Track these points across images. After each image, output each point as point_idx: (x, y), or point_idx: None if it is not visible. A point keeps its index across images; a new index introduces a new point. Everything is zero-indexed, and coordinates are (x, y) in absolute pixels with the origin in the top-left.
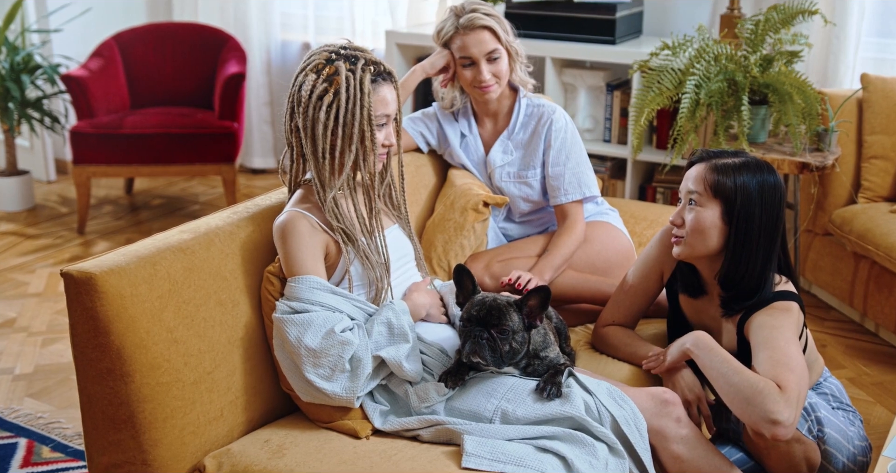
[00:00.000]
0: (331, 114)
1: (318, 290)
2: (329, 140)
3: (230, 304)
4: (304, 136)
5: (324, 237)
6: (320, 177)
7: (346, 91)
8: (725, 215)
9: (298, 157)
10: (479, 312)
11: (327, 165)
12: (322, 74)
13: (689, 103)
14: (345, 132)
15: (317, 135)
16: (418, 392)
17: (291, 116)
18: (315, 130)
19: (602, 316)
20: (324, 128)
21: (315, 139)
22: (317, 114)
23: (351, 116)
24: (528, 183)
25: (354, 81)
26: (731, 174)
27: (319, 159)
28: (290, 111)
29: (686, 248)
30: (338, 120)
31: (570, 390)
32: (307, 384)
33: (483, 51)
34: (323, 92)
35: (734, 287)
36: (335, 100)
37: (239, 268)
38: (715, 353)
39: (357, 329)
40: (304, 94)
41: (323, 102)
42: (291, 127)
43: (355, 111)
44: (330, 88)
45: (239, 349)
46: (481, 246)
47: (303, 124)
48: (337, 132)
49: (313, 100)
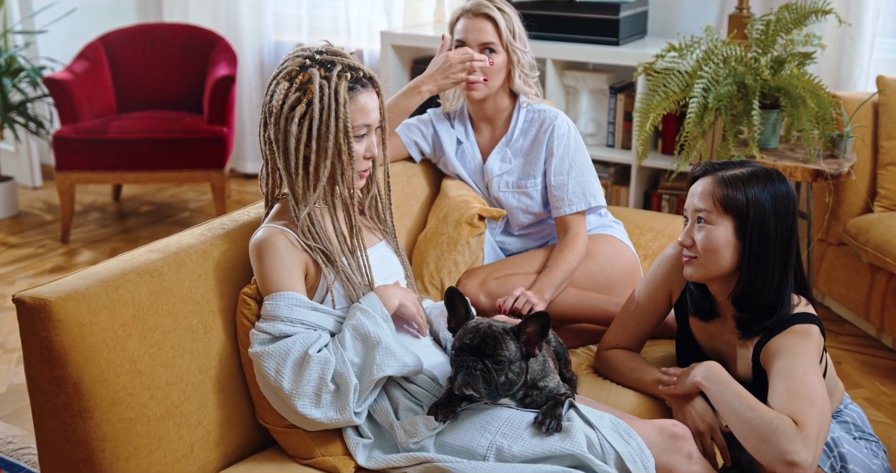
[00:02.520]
0: (304, 126)
1: (299, 307)
2: (302, 153)
3: (202, 330)
4: (277, 149)
5: (303, 256)
6: (294, 192)
7: (320, 101)
8: (739, 231)
9: (273, 170)
10: (473, 340)
11: (301, 181)
12: (295, 82)
13: (697, 108)
14: (319, 146)
15: (289, 148)
16: (405, 426)
17: (264, 128)
18: (287, 144)
19: (605, 338)
20: (296, 141)
21: (287, 153)
22: (289, 126)
23: (325, 128)
24: (528, 193)
25: (329, 90)
26: (740, 187)
27: (293, 174)
28: (263, 122)
29: (699, 269)
30: (311, 132)
31: (571, 423)
32: (302, 417)
33: (478, 39)
34: (295, 102)
35: (750, 307)
36: (308, 111)
37: (212, 290)
38: (727, 386)
39: (332, 343)
40: (275, 104)
41: (295, 113)
42: (264, 139)
43: (330, 123)
44: (303, 97)
45: (211, 380)
46: (477, 262)
47: (274, 137)
48: (311, 146)
49: (285, 111)
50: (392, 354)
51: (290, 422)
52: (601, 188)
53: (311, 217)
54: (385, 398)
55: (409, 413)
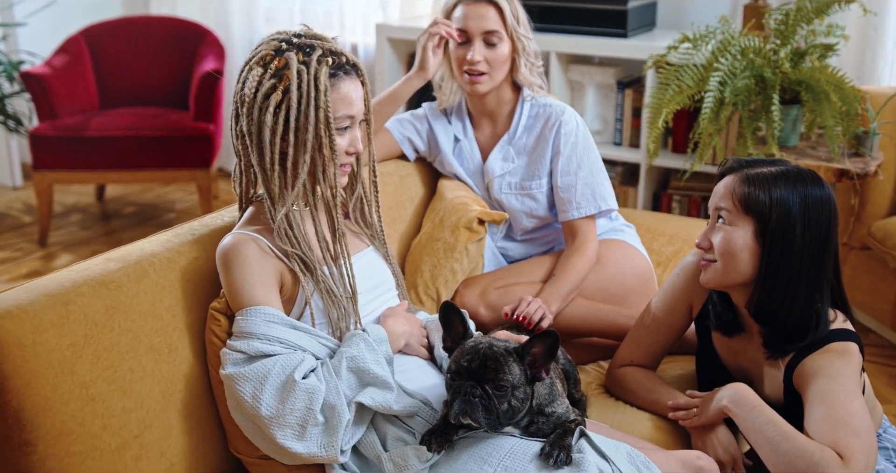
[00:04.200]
0: (279, 116)
1: (276, 324)
2: (279, 147)
3: (166, 349)
4: (251, 142)
5: (277, 265)
6: (270, 191)
7: (298, 88)
8: (759, 234)
9: (247, 167)
10: (471, 363)
11: (277, 178)
12: (270, 67)
13: (713, 102)
14: (297, 138)
15: (263, 142)
16: (394, 458)
17: (236, 120)
18: (262, 136)
19: (618, 354)
20: (272, 133)
21: (262, 147)
22: (262, 116)
23: (304, 119)
24: (533, 195)
25: (308, 76)
26: (765, 186)
27: (268, 171)
28: (235, 113)
29: (715, 274)
30: (288, 124)
31: (582, 456)
32: (280, 449)
33: (481, 27)
34: (270, 90)
35: (771, 321)
36: (284, 99)
37: (178, 304)
38: (759, 412)
39: (322, 369)
40: (248, 92)
41: (270, 101)
42: (236, 132)
43: (309, 113)
44: (279, 84)
45: (176, 405)
46: (476, 270)
47: (247, 128)
48: (287, 138)
49: (259, 99)
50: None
51: (266, 453)
52: (612, 190)
53: (289, 219)
54: (371, 428)
55: (399, 443)
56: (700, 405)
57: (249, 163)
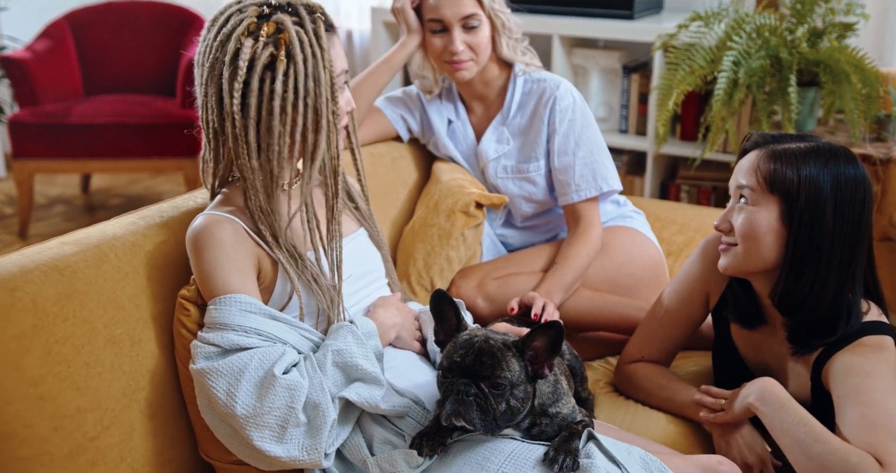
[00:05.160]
0: (289, 84)
1: (253, 314)
2: (290, 118)
3: (128, 342)
4: (247, 119)
5: (254, 249)
6: (266, 171)
7: (302, 51)
8: (785, 216)
9: (228, 151)
10: (465, 358)
11: (276, 155)
12: (260, 35)
13: (727, 84)
14: (307, 105)
15: (273, 114)
16: (381, 463)
17: (219, 101)
18: (271, 109)
19: (628, 349)
20: (282, 104)
21: (260, 122)
22: (272, 86)
23: (314, 83)
24: (531, 179)
25: (308, 36)
26: (793, 163)
27: (271, 147)
28: (218, 94)
29: (735, 259)
30: (297, 91)
31: (590, 461)
32: (256, 452)
33: (458, 14)
34: (269, 59)
35: (797, 312)
36: (290, 65)
37: (143, 292)
38: (788, 411)
39: (304, 363)
40: (241, 65)
41: (277, 71)
42: (217, 116)
43: (319, 75)
44: (277, 51)
45: (139, 404)
46: (474, 258)
47: (243, 107)
48: (297, 106)
49: (258, 71)
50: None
51: (240, 458)
52: (615, 170)
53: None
54: (356, 429)
55: (387, 447)
56: (727, 402)
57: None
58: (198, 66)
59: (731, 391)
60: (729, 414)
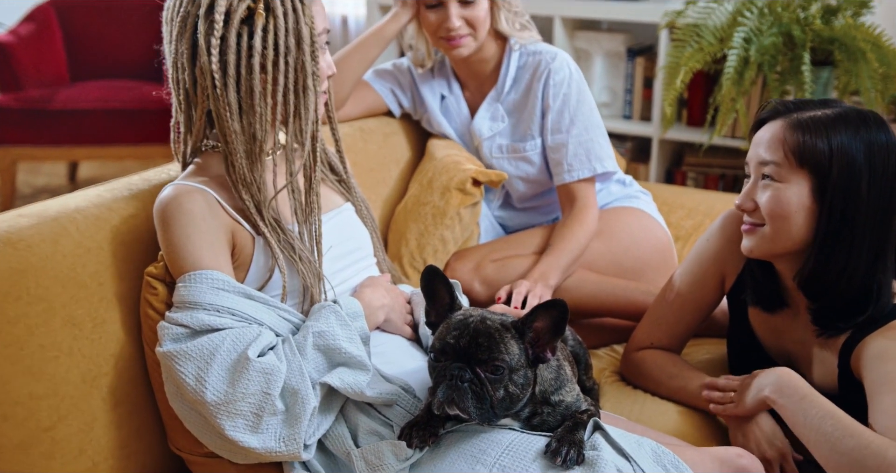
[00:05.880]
0: (268, 40)
1: (226, 292)
2: (270, 78)
3: (89, 323)
4: (227, 78)
5: (228, 223)
6: (248, 135)
7: (283, 4)
8: (817, 192)
9: (200, 115)
10: (460, 339)
11: (259, 118)
12: None
13: (737, 62)
14: (288, 64)
15: (252, 74)
16: (367, 456)
17: (193, 58)
18: (250, 67)
19: (636, 336)
20: (262, 61)
21: (240, 81)
22: (250, 42)
23: (295, 40)
24: (527, 158)
25: None
26: (822, 133)
27: (254, 109)
28: (190, 50)
29: (763, 241)
30: (278, 48)
31: (597, 453)
32: (229, 443)
33: None
34: (246, 13)
35: (825, 295)
36: (269, 20)
37: (107, 270)
38: (811, 403)
39: (283, 346)
40: (217, 18)
41: (255, 25)
42: (193, 73)
43: (301, 31)
44: (254, 4)
45: (101, 391)
46: (471, 240)
47: (220, 64)
48: (278, 65)
49: (234, 26)
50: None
51: (212, 450)
52: (611, 150)
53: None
54: (340, 419)
55: (373, 438)
56: (737, 393)
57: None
58: (166, 22)
59: (739, 380)
60: (740, 408)
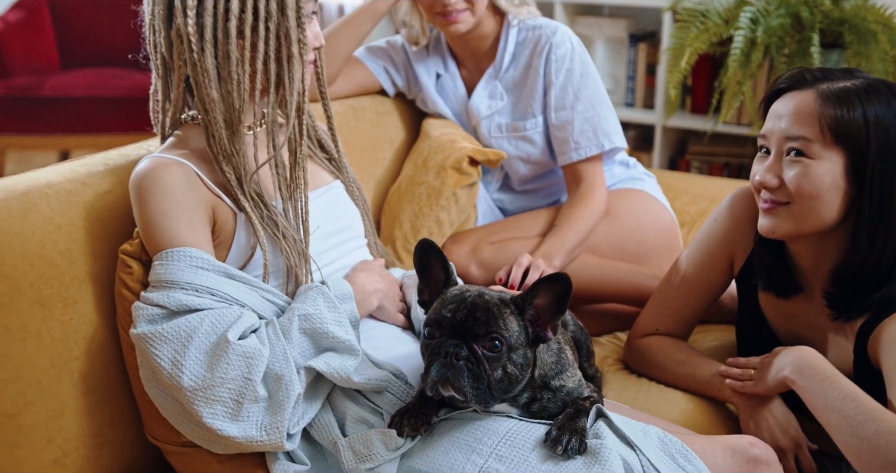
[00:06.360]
0: (247, 3)
1: (205, 270)
2: (249, 44)
3: (59, 304)
4: (203, 42)
5: (208, 198)
6: (228, 104)
7: None
8: (851, 169)
9: (179, 81)
10: (456, 313)
11: (237, 86)
12: None
13: (743, 43)
14: (269, 30)
15: (229, 38)
16: (355, 445)
17: (169, 20)
18: (227, 31)
19: (640, 322)
20: (239, 26)
21: (217, 46)
22: (227, 5)
23: (278, 5)
24: (528, 137)
25: None
26: (856, 105)
27: (231, 76)
28: (166, 11)
29: (788, 221)
30: (257, 12)
31: (600, 442)
32: (207, 432)
33: None
34: None
35: (853, 281)
36: None
37: (79, 248)
38: (833, 385)
39: (266, 329)
40: None
41: None
42: (169, 36)
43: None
44: None
45: (71, 376)
46: (468, 223)
47: (197, 26)
48: (258, 30)
49: None
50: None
51: (190, 439)
52: (619, 125)
53: (236, 142)
54: (326, 406)
55: (362, 426)
56: (757, 370)
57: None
58: None
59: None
60: (760, 386)
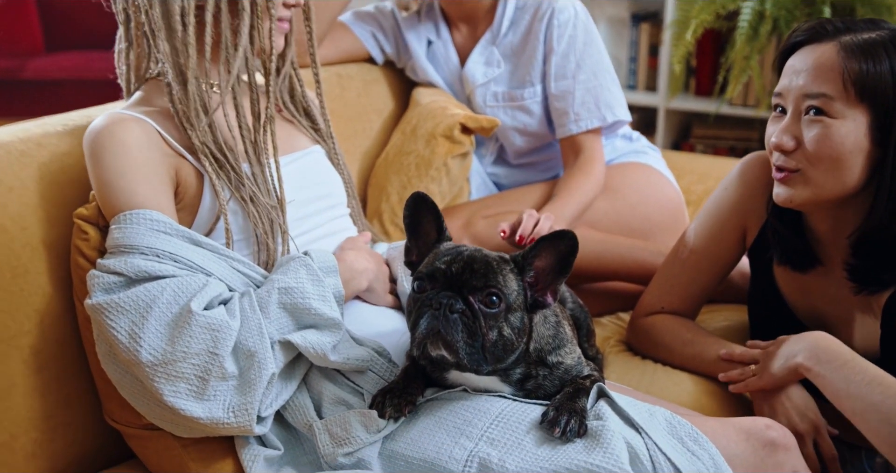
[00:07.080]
0: None
1: (167, 235)
2: None
3: (8, 273)
4: None
5: (170, 158)
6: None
7: None
8: (877, 129)
9: (140, 37)
10: (452, 265)
11: (179, 39)
12: None
13: (751, 15)
14: None
15: None
16: (332, 428)
17: None
18: None
19: (645, 299)
20: None
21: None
22: None
23: None
24: (525, 107)
25: None
26: (882, 58)
27: (171, 26)
28: None
29: (807, 187)
30: None
31: (601, 423)
32: (169, 412)
33: None
34: None
35: (878, 250)
36: None
37: (32, 213)
38: (854, 370)
39: (240, 301)
40: None
41: None
42: None
43: None
44: None
45: (21, 352)
46: (461, 197)
47: None
48: None
49: None
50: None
51: (151, 421)
52: (623, 97)
53: (204, 99)
54: (302, 387)
55: (340, 408)
56: (759, 362)
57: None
58: None
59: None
60: (765, 380)
